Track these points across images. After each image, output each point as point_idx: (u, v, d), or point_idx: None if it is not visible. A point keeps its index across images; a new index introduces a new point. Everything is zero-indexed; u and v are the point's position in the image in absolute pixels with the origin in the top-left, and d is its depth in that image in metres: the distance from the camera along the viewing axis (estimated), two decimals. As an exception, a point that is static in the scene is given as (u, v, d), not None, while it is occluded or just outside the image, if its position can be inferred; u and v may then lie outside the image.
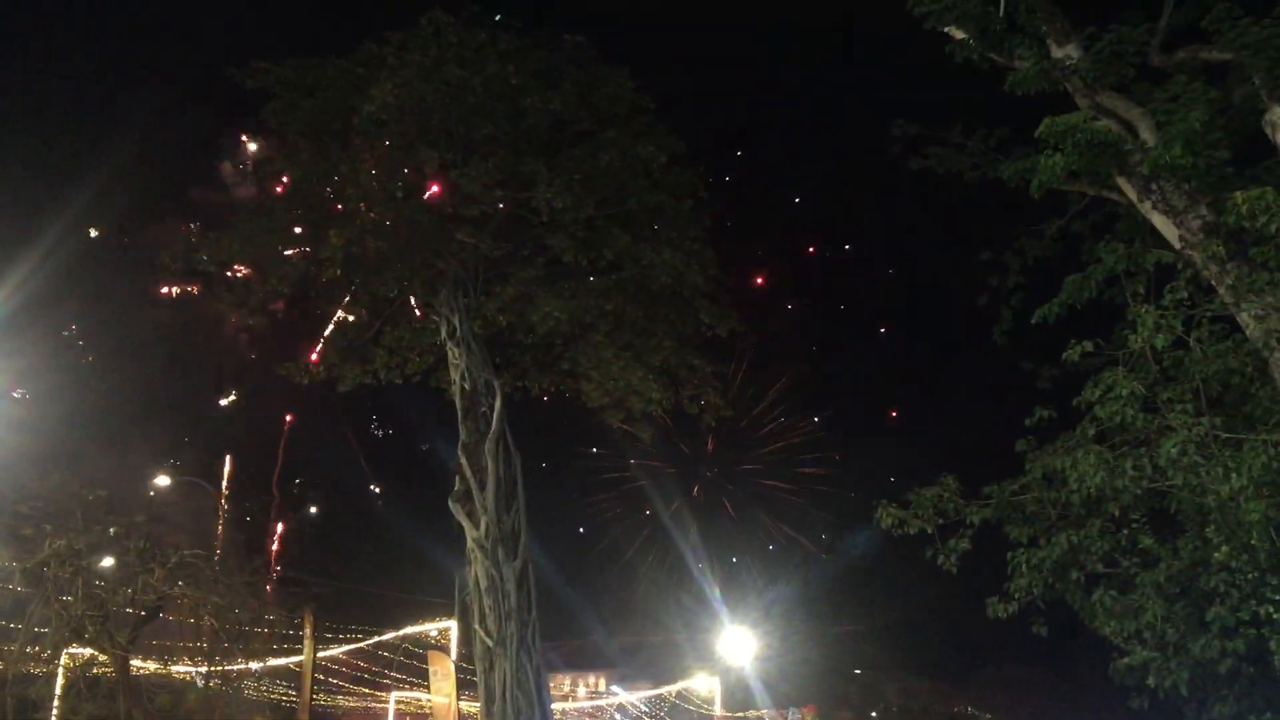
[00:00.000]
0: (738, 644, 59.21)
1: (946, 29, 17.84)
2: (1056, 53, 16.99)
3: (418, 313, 30.00)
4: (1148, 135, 15.98)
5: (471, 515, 26.20)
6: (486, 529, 25.81)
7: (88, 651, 31.64)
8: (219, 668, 32.15)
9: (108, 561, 30.84)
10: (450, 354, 27.96)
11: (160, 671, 36.36)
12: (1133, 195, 16.50)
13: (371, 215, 26.56)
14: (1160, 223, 16.13)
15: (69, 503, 29.54)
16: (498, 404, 26.98)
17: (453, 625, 40.64)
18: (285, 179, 28.19)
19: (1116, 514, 16.10)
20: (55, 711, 31.86)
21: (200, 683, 32.94)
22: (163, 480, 45.11)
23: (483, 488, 26.20)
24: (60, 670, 32.21)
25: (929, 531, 17.59)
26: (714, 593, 63.36)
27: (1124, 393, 15.33)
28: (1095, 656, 18.72)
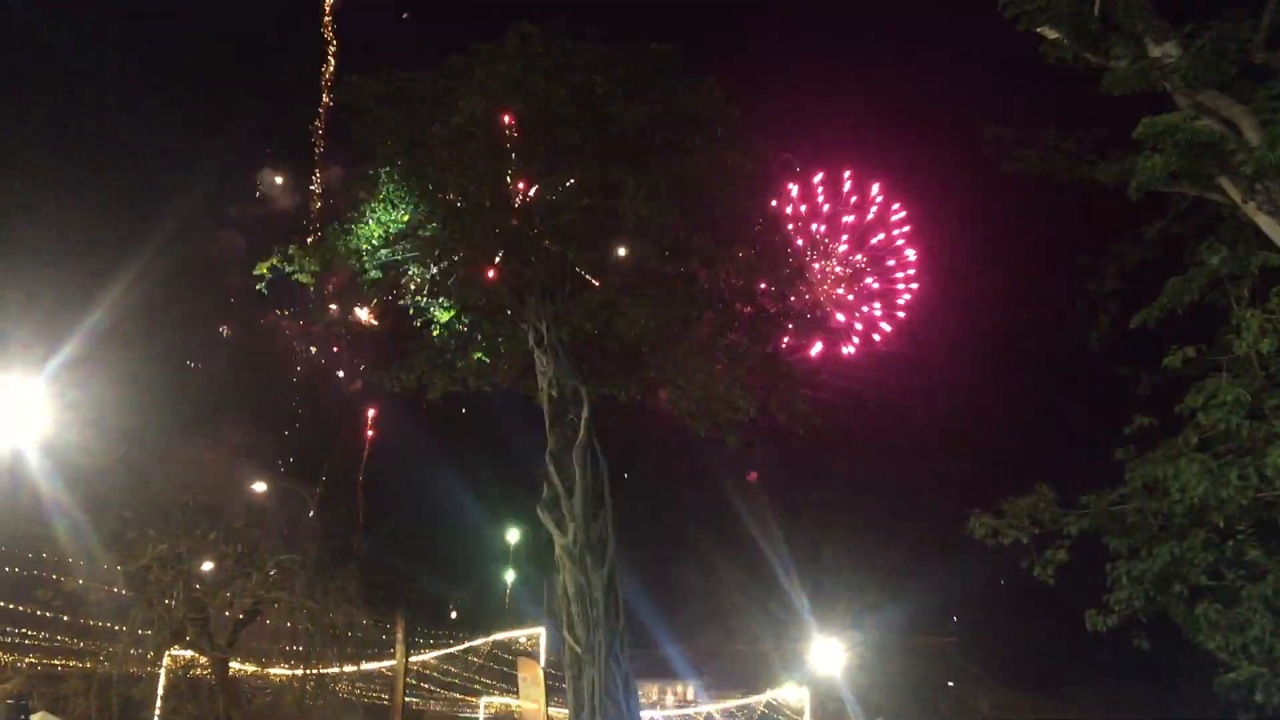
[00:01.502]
0: (827, 654, 58.57)
1: (1040, 29, 17.49)
2: (1154, 51, 16.56)
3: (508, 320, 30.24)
4: (1252, 135, 15.49)
5: (560, 523, 26.34)
6: (574, 536, 25.92)
7: (188, 654, 32.51)
8: (314, 670, 32.73)
9: (207, 566, 31.65)
10: (538, 361, 28.15)
11: (258, 673, 37.22)
12: (1236, 196, 16.01)
13: (461, 224, 26.88)
14: (1266, 224, 15.63)
15: (170, 508, 30.39)
16: (585, 411, 27.07)
17: (542, 632, 40.90)
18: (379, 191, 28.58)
19: (1221, 524, 15.58)
20: (158, 711, 32.80)
21: (296, 685, 33.58)
22: (260, 486, 46.22)
23: (570, 495, 26.32)
24: (162, 671, 33.13)
25: (1024, 542, 17.23)
26: (801, 601, 62.69)
27: (1228, 399, 14.86)
28: (1198, 672, 18.13)
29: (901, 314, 76.49)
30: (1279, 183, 15.09)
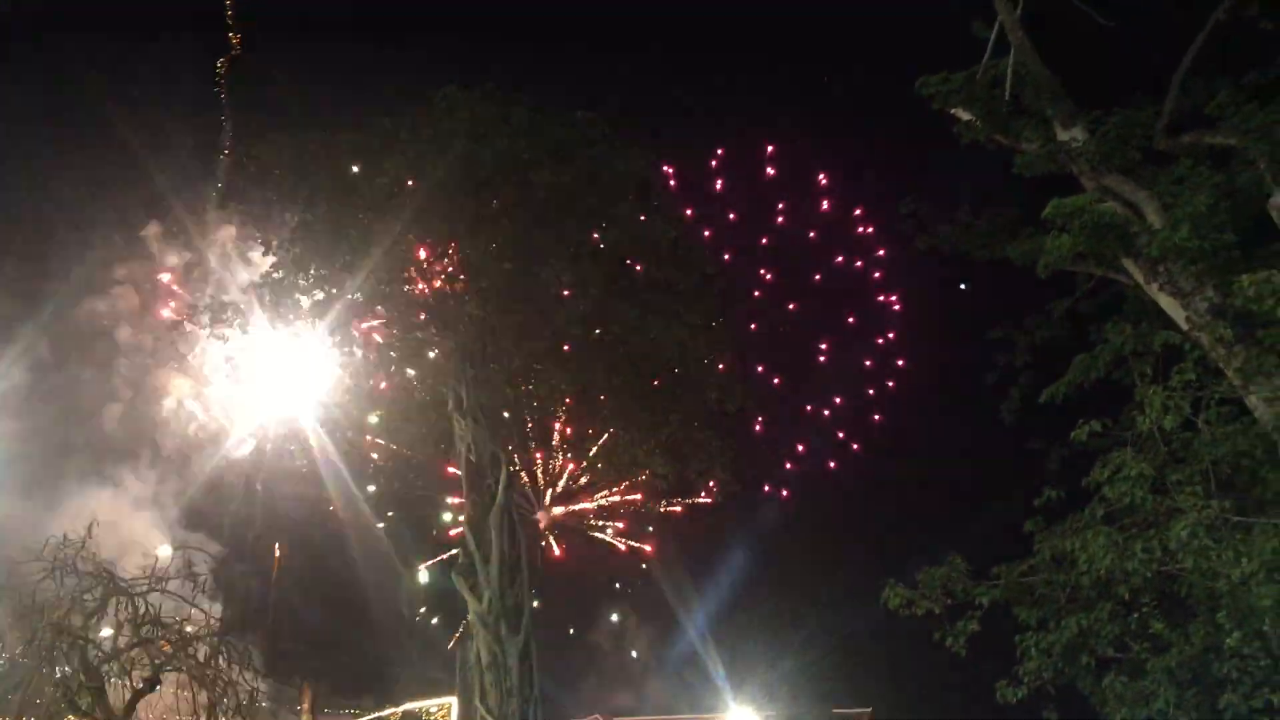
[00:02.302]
0: (741, 725, 58.13)
1: (954, 110, 18.05)
2: (1062, 135, 17.16)
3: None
4: (1154, 218, 16.07)
5: (474, 589, 25.97)
6: (489, 604, 25.56)
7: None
8: (215, 742, 31.57)
9: (106, 632, 30.50)
10: (456, 426, 27.92)
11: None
12: (1140, 277, 16.54)
13: (381, 286, 26.70)
14: (1167, 304, 16.14)
15: (68, 572, 29.30)
16: (503, 477, 26.87)
17: (454, 701, 40.02)
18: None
19: (1127, 597, 15.85)
20: (48, 786, 31.33)
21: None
22: (164, 550, 44.80)
23: (486, 562, 26.00)
24: (55, 743, 31.68)
25: (937, 612, 17.35)
26: (717, 669, 62.27)
27: (1133, 474, 15.19)
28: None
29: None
30: (1180, 265, 15.62)
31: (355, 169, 27.34)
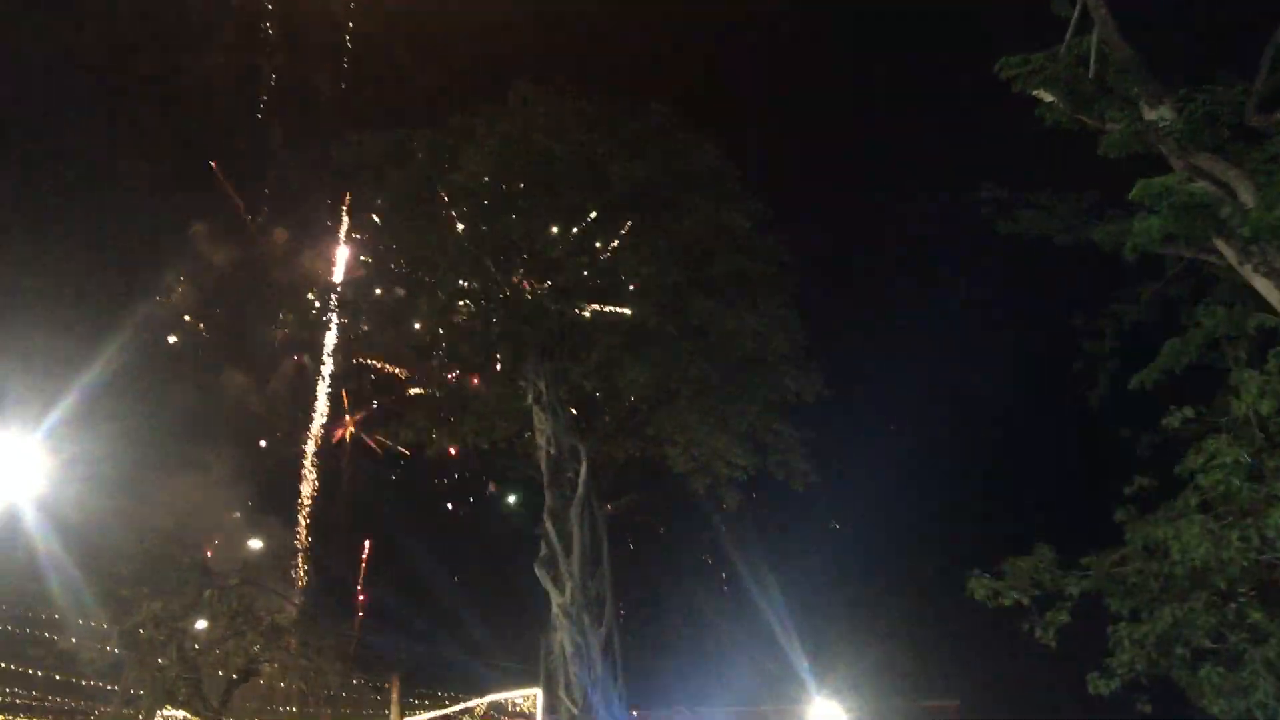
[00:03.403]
0: (827, 717, 57.82)
1: (1035, 92, 17.67)
2: (1149, 115, 16.70)
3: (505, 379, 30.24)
4: (1247, 197, 15.59)
5: (557, 581, 26.16)
6: (571, 595, 25.73)
7: (181, 714, 32.10)
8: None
9: (201, 624, 31.35)
10: (536, 419, 28.11)
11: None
12: (1232, 258, 16.07)
13: (460, 283, 26.98)
14: (1262, 285, 15.67)
15: (165, 565, 30.17)
16: (583, 469, 26.99)
17: (538, 693, 40.41)
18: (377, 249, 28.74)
19: (1224, 586, 15.45)
20: (149, 772, 32.30)
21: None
22: (255, 543, 45.87)
23: (568, 553, 26.16)
24: (155, 732, 32.66)
25: (1025, 603, 17.08)
26: (801, 661, 62.01)
27: (1228, 460, 14.79)
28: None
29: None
30: (1275, 245, 15.16)
31: (432, 166, 27.67)
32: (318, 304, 29.49)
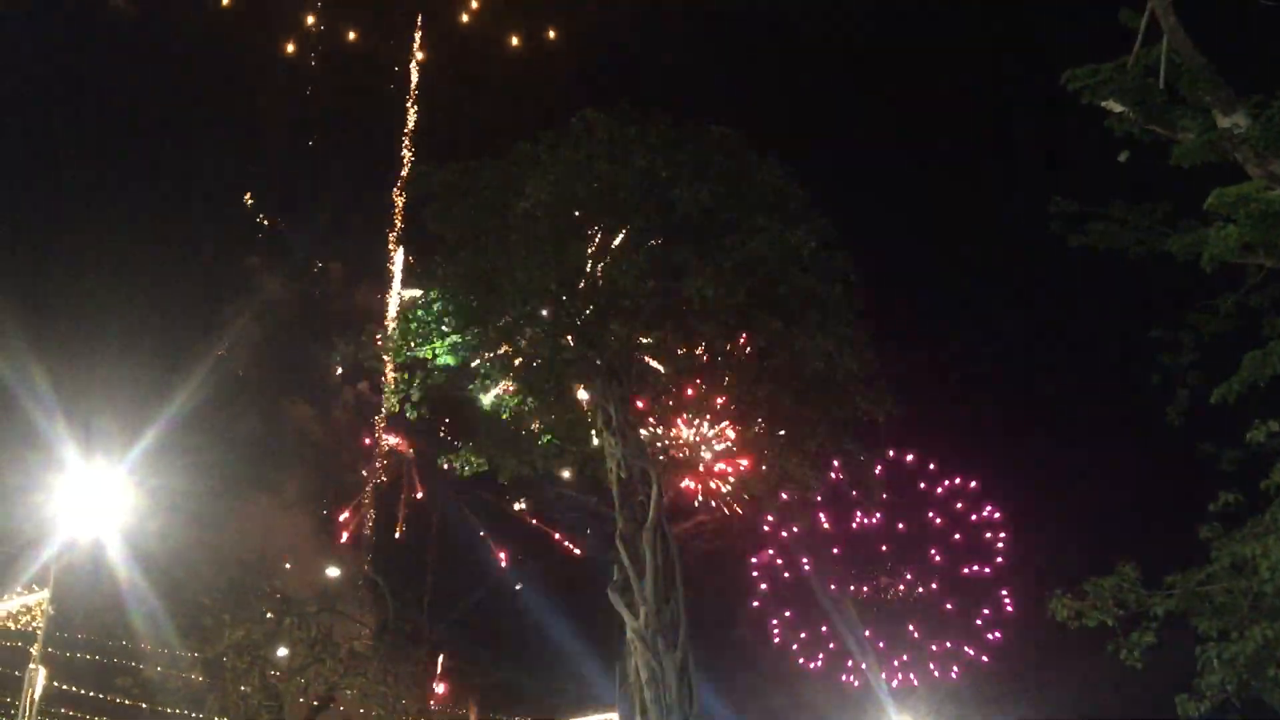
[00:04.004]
0: (906, 739, 57.08)
1: (1105, 103, 17.40)
2: (1223, 122, 16.35)
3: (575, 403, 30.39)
4: (1328, 203, 15.19)
5: (631, 605, 26.13)
6: (646, 619, 25.68)
7: (263, 740, 32.55)
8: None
9: (282, 652, 31.84)
10: (606, 443, 28.18)
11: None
12: (1315, 266, 15.67)
13: (528, 309, 27.21)
14: (1347, 294, 15.25)
15: (245, 594, 30.71)
16: (654, 492, 26.97)
17: (614, 718, 40.37)
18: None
19: (1316, 606, 15.01)
20: (233, 800, 32.80)
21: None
22: (333, 571, 46.52)
23: (641, 577, 26.14)
24: (238, 759, 33.16)
25: (1109, 624, 16.71)
26: (880, 684, 61.30)
27: (1316, 475, 14.39)
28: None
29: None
30: (1358, 251, 14.76)
31: (498, 194, 28.01)
32: (379, 336, 29.96)
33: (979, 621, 67.22)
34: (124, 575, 28.92)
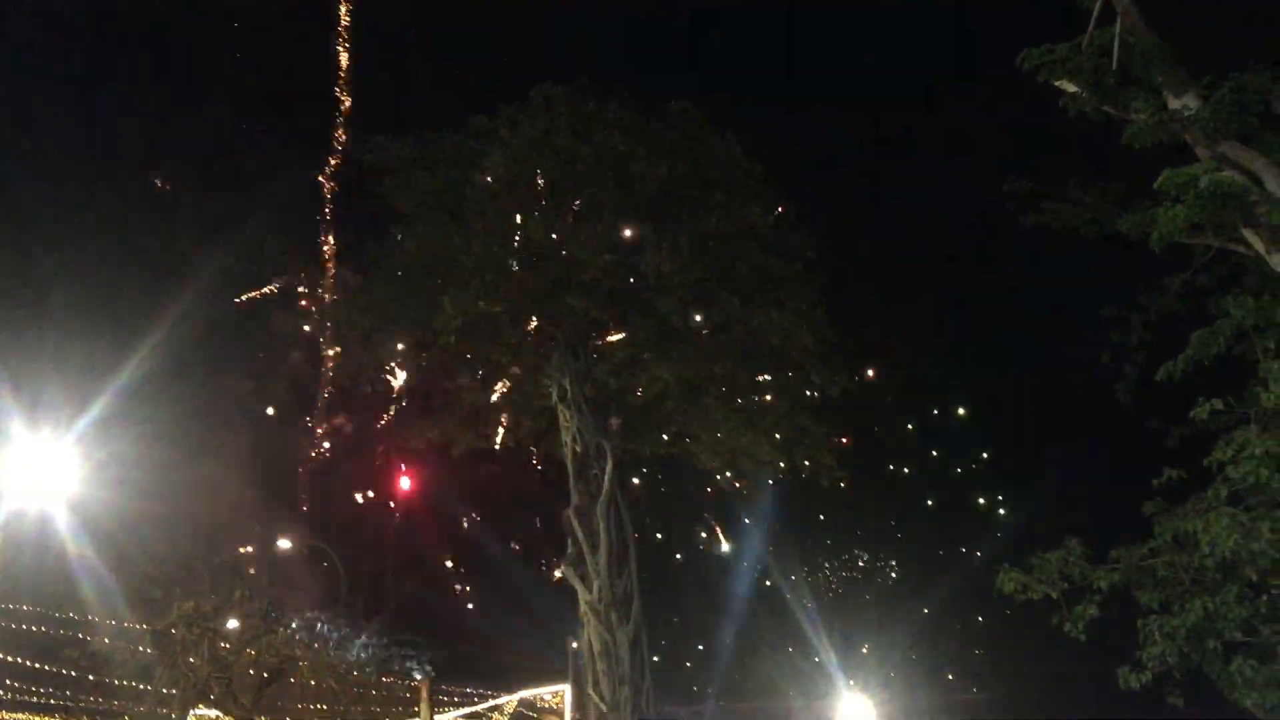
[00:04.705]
0: (857, 712, 57.78)
1: (1059, 83, 17.57)
2: (1174, 104, 16.58)
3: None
4: (1274, 185, 15.47)
5: (584, 579, 26.27)
6: (599, 592, 25.82)
7: (213, 713, 32.37)
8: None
9: (233, 624, 31.62)
10: (561, 417, 28.23)
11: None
12: (1261, 247, 15.95)
13: (485, 281, 27.11)
14: (1291, 275, 15.55)
15: (196, 566, 30.43)
16: (609, 467, 27.08)
17: (567, 689, 40.56)
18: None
19: (1255, 579, 15.33)
20: (182, 772, 32.61)
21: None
22: (284, 543, 46.18)
23: (595, 551, 26.26)
24: (188, 732, 32.96)
25: (1054, 597, 17.00)
26: (830, 658, 62.00)
27: (1258, 452, 14.67)
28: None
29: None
30: (1304, 234, 15.05)
31: (456, 167, 27.85)
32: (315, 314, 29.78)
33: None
34: (72, 547, 28.57)
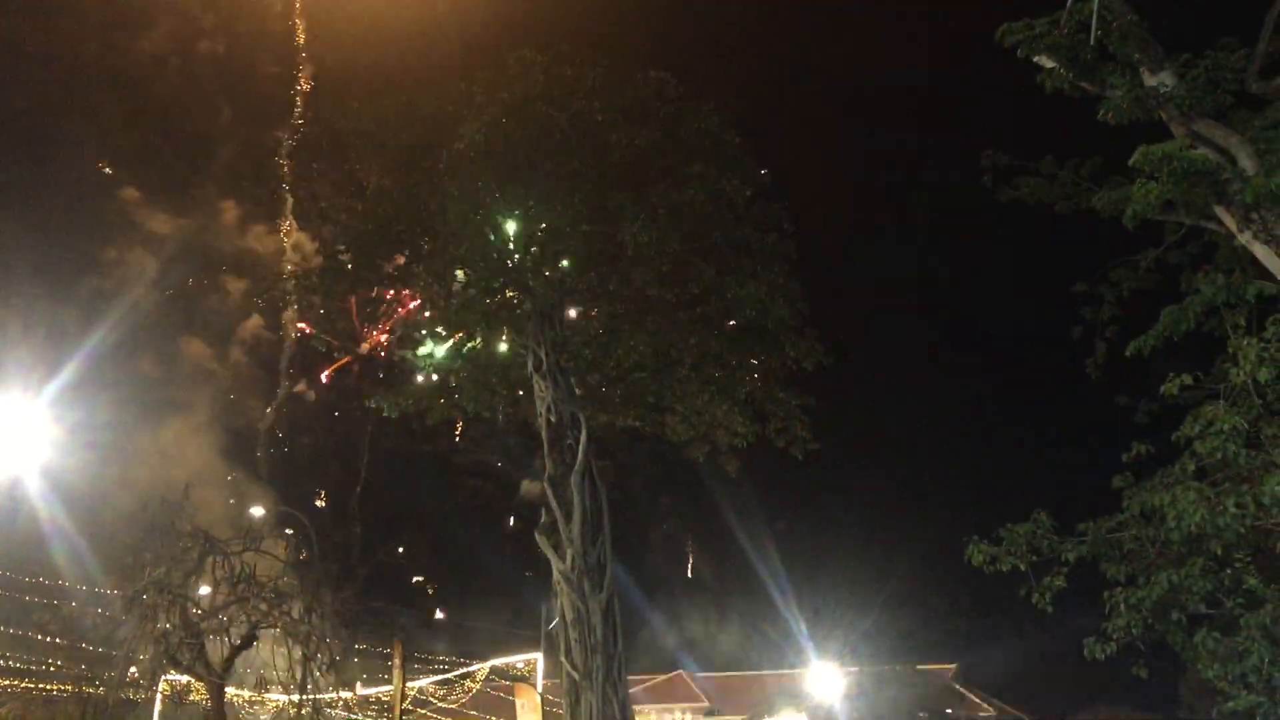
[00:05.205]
0: (825, 681, 58.40)
1: (1037, 58, 17.61)
2: (1150, 80, 16.66)
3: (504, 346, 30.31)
4: (1247, 163, 15.59)
5: (558, 548, 26.33)
6: (572, 561, 25.90)
7: (184, 679, 32.38)
8: (311, 696, 32.59)
9: (204, 590, 31.58)
10: (536, 387, 28.18)
11: (254, 699, 37.04)
12: (1232, 225, 16.09)
13: (459, 251, 26.98)
14: (1261, 253, 15.69)
15: (167, 532, 30.34)
16: (583, 437, 27.08)
17: (539, 657, 40.78)
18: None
19: (1219, 553, 15.55)
20: (153, 737, 32.65)
21: (292, 711, 33.45)
22: (257, 510, 46.14)
23: (569, 520, 26.31)
24: (158, 697, 32.98)
25: (1022, 569, 17.21)
26: (800, 628, 62.54)
27: (1225, 428, 14.85)
28: (1198, 700, 18.11)
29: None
30: (1275, 212, 15.17)
31: (432, 134, 27.64)
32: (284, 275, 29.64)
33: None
34: (44, 512, 28.46)
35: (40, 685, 36.46)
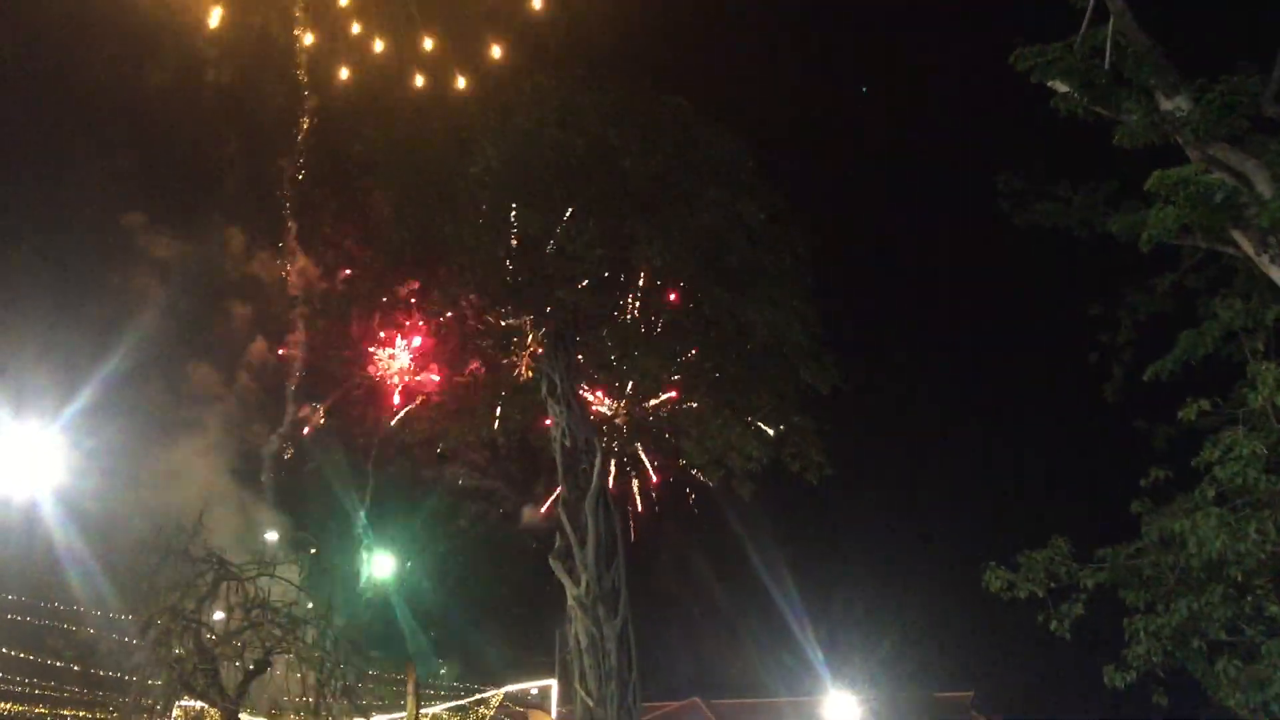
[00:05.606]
0: (843, 709, 57.86)
1: (1051, 83, 17.59)
2: (1165, 105, 16.61)
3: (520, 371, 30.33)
4: (1264, 188, 15.51)
5: (572, 573, 26.25)
6: (587, 587, 25.81)
7: (198, 704, 32.26)
8: (324, 721, 32.44)
9: (218, 615, 31.51)
10: (551, 411, 28.18)
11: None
12: (1249, 249, 15.98)
13: (474, 276, 27.08)
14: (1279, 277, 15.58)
15: (181, 558, 30.30)
16: (597, 461, 27.05)
17: (553, 683, 40.58)
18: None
19: (1240, 579, 15.35)
20: (167, 762, 32.49)
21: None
22: (272, 535, 46.05)
23: (583, 545, 26.24)
24: (172, 722, 32.84)
25: (1040, 596, 17.04)
26: (816, 654, 61.99)
27: (1245, 453, 14.71)
28: (1220, 729, 17.89)
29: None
30: (1292, 236, 15.08)
31: (444, 159, 27.76)
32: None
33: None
34: (58, 537, 28.51)
35: (54, 711, 36.42)
